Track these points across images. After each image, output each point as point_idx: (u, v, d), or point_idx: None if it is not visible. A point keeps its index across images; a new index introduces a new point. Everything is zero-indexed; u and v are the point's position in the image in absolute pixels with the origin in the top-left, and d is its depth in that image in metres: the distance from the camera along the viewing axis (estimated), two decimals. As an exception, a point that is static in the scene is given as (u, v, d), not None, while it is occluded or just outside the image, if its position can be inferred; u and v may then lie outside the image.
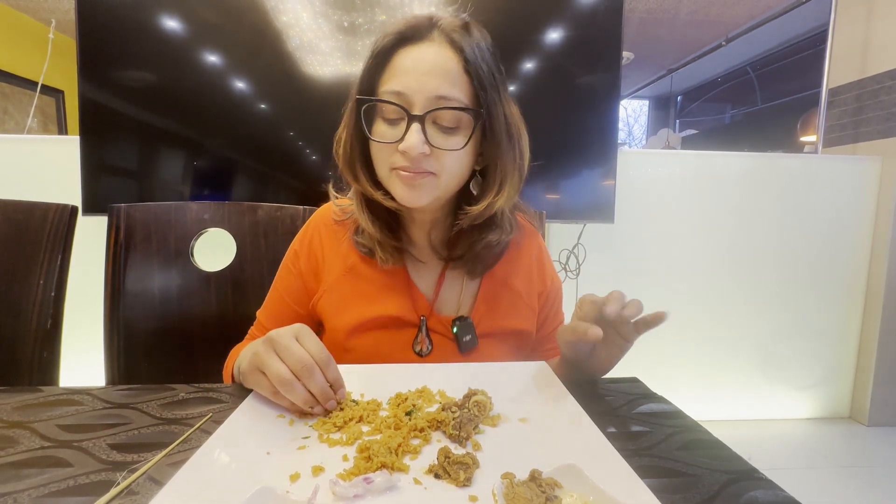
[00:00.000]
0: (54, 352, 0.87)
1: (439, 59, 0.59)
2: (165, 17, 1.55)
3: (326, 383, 0.49)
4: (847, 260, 2.09)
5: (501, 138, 0.63)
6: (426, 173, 0.61)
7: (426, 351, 0.68)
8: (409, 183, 0.60)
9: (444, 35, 0.60)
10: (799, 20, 3.66)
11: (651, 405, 0.56)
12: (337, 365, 0.51)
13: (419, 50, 0.60)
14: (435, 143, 0.59)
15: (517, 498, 0.34)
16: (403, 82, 0.59)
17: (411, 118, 0.58)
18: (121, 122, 1.58)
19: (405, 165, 0.60)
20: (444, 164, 0.61)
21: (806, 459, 1.84)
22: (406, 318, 0.68)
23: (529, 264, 0.75)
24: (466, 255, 0.69)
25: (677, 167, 2.00)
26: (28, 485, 0.38)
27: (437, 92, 0.58)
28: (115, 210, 0.95)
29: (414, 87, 0.58)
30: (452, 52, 0.60)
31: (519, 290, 0.73)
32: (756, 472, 0.41)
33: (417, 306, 0.69)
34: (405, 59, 0.60)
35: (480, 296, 0.71)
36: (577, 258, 1.94)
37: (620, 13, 1.66)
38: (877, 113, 2.07)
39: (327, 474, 0.39)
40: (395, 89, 0.59)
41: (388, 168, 0.62)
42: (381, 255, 0.67)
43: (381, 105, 0.61)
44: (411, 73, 0.59)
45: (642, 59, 4.68)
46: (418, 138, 0.58)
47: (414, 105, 0.59)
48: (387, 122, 0.61)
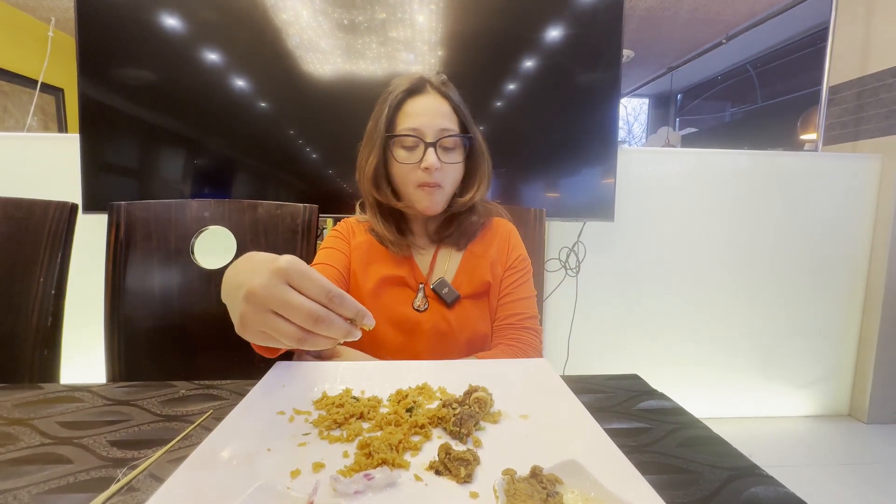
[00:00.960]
0: (55, 349, 0.87)
1: (437, 104, 0.85)
2: (165, 16, 1.54)
3: (346, 326, 0.43)
4: (847, 258, 2.08)
5: (479, 154, 0.91)
6: (437, 186, 0.84)
7: (423, 307, 0.86)
8: (430, 197, 0.84)
9: (435, 88, 0.86)
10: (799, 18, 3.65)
11: (652, 402, 0.56)
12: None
13: (423, 99, 0.85)
14: (443, 160, 0.84)
15: (518, 494, 0.34)
16: (417, 121, 0.83)
17: (427, 145, 0.82)
18: (121, 120, 1.58)
19: (427, 180, 0.83)
20: (447, 176, 0.85)
21: (806, 457, 1.84)
22: (409, 283, 0.88)
23: (501, 242, 0.95)
24: (454, 234, 0.91)
25: (677, 165, 2.00)
26: (29, 481, 0.38)
27: (441, 126, 0.83)
28: (115, 208, 0.95)
29: (425, 124, 0.82)
30: (444, 100, 0.86)
31: (490, 259, 0.92)
32: (757, 469, 0.42)
33: (417, 277, 0.89)
34: (415, 105, 0.84)
35: (461, 265, 0.91)
36: (577, 256, 1.94)
37: (621, 11, 1.65)
38: (877, 111, 2.07)
39: (328, 471, 0.39)
40: (411, 126, 0.83)
41: (414, 185, 0.84)
42: (393, 248, 0.89)
43: (402, 138, 0.84)
44: (421, 114, 0.83)
45: (642, 57, 4.68)
46: (434, 157, 0.82)
47: (426, 135, 0.82)
48: (406, 150, 0.84)
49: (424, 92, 0.86)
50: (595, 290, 1.98)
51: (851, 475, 1.72)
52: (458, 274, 0.90)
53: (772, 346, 2.11)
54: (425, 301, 0.87)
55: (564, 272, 1.95)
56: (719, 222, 2.03)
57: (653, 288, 2.03)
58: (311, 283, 0.42)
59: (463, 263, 0.92)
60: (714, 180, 2.01)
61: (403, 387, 0.55)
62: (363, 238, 0.92)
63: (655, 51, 4.73)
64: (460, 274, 0.90)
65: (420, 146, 0.82)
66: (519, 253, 0.95)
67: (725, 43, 4.25)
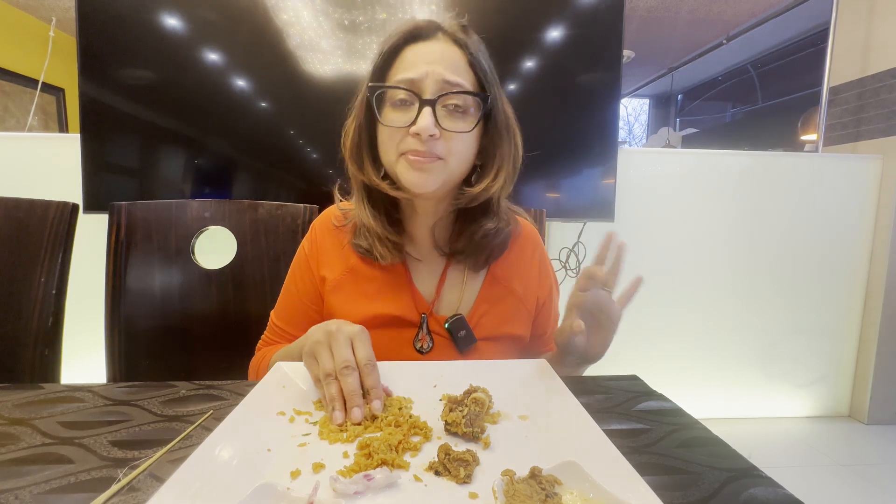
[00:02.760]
0: (55, 349, 0.87)
1: (446, 52, 0.63)
2: (166, 16, 1.54)
3: (359, 388, 0.50)
4: (847, 258, 2.08)
5: (501, 128, 0.67)
6: (435, 158, 0.62)
7: (427, 348, 0.69)
8: (419, 167, 0.62)
9: (448, 35, 0.65)
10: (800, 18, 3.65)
11: (651, 403, 0.56)
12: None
13: (427, 45, 0.64)
14: (445, 125, 0.62)
15: (517, 495, 0.34)
16: (414, 71, 0.61)
17: (423, 102, 0.60)
18: (121, 120, 1.58)
19: (415, 149, 0.61)
20: (451, 148, 0.63)
21: (805, 457, 1.84)
22: (406, 316, 0.69)
23: (530, 269, 0.76)
24: (468, 248, 0.70)
25: (678, 166, 2.00)
26: (29, 481, 0.38)
27: (446, 77, 0.61)
28: (115, 208, 0.95)
29: (424, 73, 0.61)
30: (457, 48, 0.64)
31: (518, 294, 0.73)
32: (756, 470, 0.42)
33: (418, 305, 0.70)
34: (414, 52, 0.63)
35: (481, 295, 0.72)
36: (577, 257, 1.94)
37: (621, 11, 1.65)
38: (878, 111, 2.07)
39: (328, 471, 0.39)
40: (406, 77, 0.62)
41: (397, 153, 0.63)
42: (380, 250, 0.68)
43: (392, 93, 0.63)
44: (421, 62, 0.62)
45: (643, 57, 4.67)
46: (430, 120, 0.60)
47: (424, 90, 0.61)
48: (397, 109, 0.63)
49: (432, 37, 0.64)
50: (595, 290, 1.97)
51: (851, 476, 1.72)
52: (477, 305, 0.71)
53: (772, 347, 2.11)
54: (429, 339, 0.69)
55: (565, 273, 1.95)
56: (719, 223, 2.03)
57: (653, 288, 2.02)
58: (363, 348, 0.53)
59: (484, 293, 0.72)
60: (714, 181, 2.01)
61: (403, 388, 0.55)
62: (336, 259, 0.72)
63: (656, 51, 4.73)
64: (480, 304, 0.71)
65: (415, 104, 0.61)
66: (550, 286, 0.78)
67: (726, 43, 4.25)
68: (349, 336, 0.53)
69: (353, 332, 0.53)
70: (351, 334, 0.53)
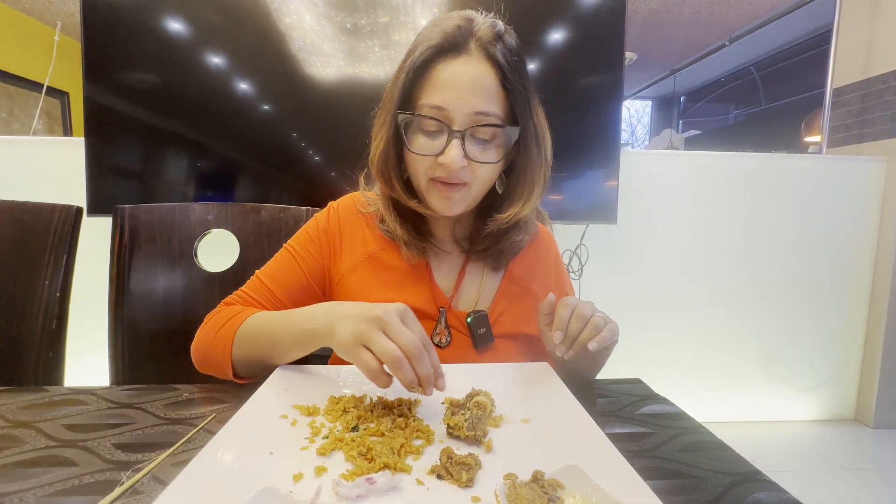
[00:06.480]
0: (59, 352, 0.88)
1: (478, 74, 0.60)
2: (170, 20, 1.55)
3: (431, 368, 0.49)
4: (852, 261, 2.07)
5: (531, 149, 0.66)
6: (461, 185, 0.64)
7: (444, 342, 0.69)
8: (446, 195, 0.64)
9: (481, 48, 0.61)
10: (803, 20, 3.64)
11: (654, 406, 0.56)
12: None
13: (458, 65, 0.60)
14: (472, 156, 0.62)
15: (519, 499, 0.34)
16: (443, 97, 0.60)
17: (451, 133, 0.60)
18: (125, 124, 1.59)
19: (444, 177, 0.62)
20: (477, 175, 0.64)
21: (810, 461, 1.83)
22: (425, 309, 0.69)
23: (547, 270, 0.77)
24: (490, 250, 0.71)
25: (680, 168, 2.00)
26: (33, 484, 0.39)
27: (477, 108, 0.60)
28: (119, 211, 0.96)
29: (454, 103, 0.60)
30: (490, 67, 0.61)
31: (536, 294, 0.74)
32: (760, 474, 0.41)
33: (437, 299, 0.70)
34: (444, 73, 0.61)
35: (500, 292, 0.72)
36: (579, 259, 1.94)
37: (623, 13, 1.65)
38: (882, 113, 2.06)
39: (330, 474, 0.39)
40: (435, 104, 0.60)
41: (426, 178, 0.65)
42: (406, 252, 0.70)
43: (421, 119, 0.62)
44: (451, 88, 0.60)
45: (645, 59, 4.67)
46: (458, 153, 0.60)
47: (454, 120, 0.60)
48: (426, 135, 0.63)
49: (463, 52, 0.60)
50: (598, 292, 1.97)
51: (857, 480, 1.70)
52: (495, 303, 0.72)
53: (776, 350, 2.10)
54: (447, 333, 0.69)
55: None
56: (722, 225, 2.02)
57: (656, 291, 2.02)
58: (416, 326, 0.51)
59: (503, 290, 0.73)
60: (717, 183, 2.01)
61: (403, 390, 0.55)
62: (354, 243, 0.72)
63: (658, 53, 4.73)
64: (499, 301, 0.72)
65: (444, 133, 0.61)
66: (567, 289, 0.80)
67: (728, 45, 4.24)
68: (398, 314, 0.50)
69: (401, 310, 0.51)
70: (400, 313, 0.51)
